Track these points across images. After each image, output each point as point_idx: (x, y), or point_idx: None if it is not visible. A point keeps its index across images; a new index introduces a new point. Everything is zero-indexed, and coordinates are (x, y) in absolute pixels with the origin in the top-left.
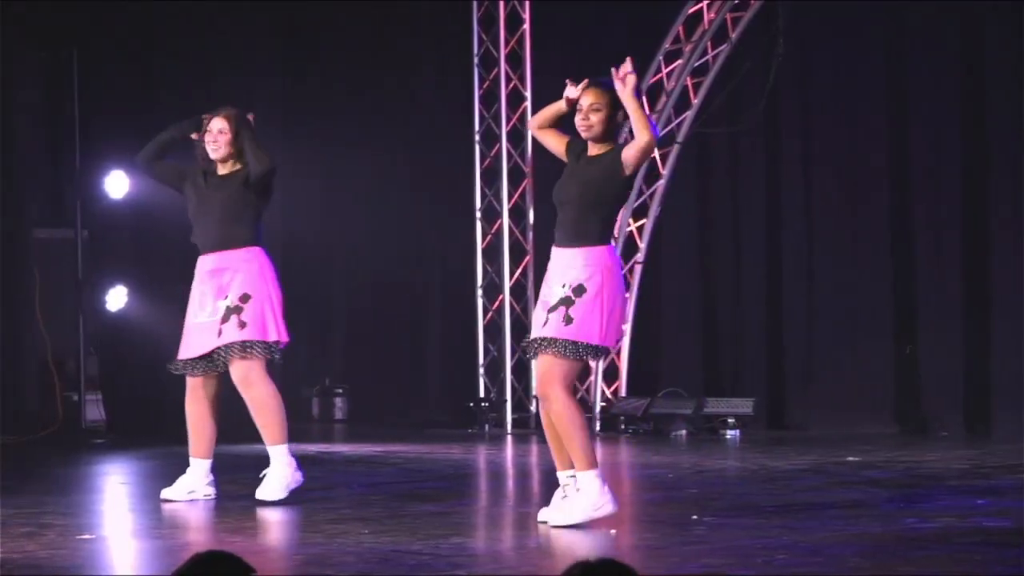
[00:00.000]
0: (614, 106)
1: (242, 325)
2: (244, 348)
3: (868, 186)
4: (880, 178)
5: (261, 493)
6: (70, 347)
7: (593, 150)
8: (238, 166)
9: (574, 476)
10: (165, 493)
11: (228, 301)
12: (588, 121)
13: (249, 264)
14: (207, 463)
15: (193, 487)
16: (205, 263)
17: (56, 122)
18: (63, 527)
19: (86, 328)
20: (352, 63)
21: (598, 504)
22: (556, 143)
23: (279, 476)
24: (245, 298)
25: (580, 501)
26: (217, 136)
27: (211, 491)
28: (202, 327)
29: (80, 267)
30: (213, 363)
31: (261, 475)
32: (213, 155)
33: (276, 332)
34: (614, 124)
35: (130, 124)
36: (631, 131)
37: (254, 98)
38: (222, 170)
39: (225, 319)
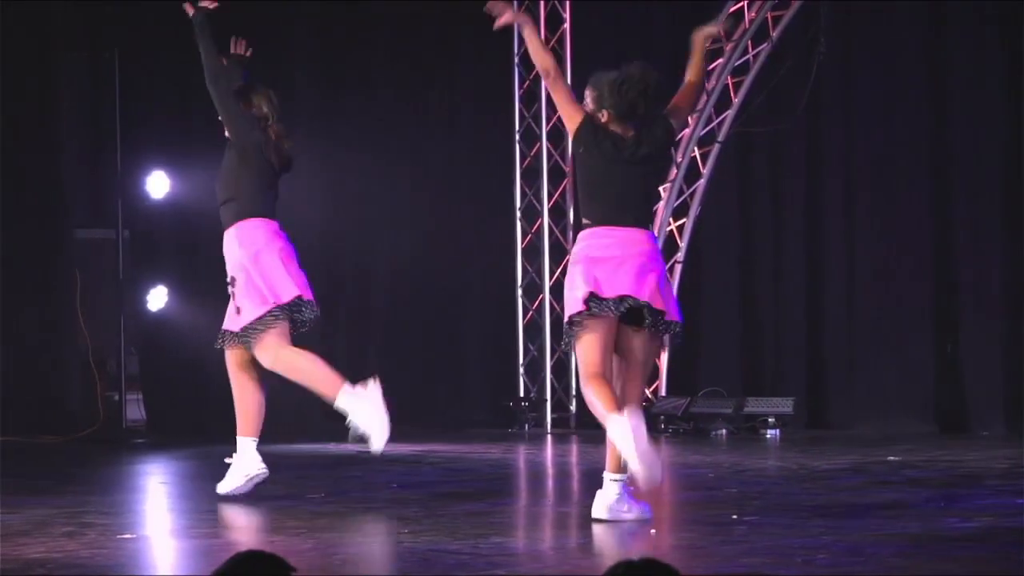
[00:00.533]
0: (597, 104)
1: (238, 311)
2: (243, 337)
3: (909, 183)
4: (921, 175)
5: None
6: (111, 347)
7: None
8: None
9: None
10: (221, 488)
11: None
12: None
13: (229, 248)
14: (248, 441)
15: (247, 471)
16: None
17: (97, 123)
18: (104, 526)
19: (127, 328)
20: (391, 63)
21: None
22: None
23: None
24: (233, 281)
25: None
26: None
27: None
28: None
29: (121, 267)
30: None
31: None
32: None
33: (268, 298)
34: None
35: (171, 125)
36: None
37: (293, 98)
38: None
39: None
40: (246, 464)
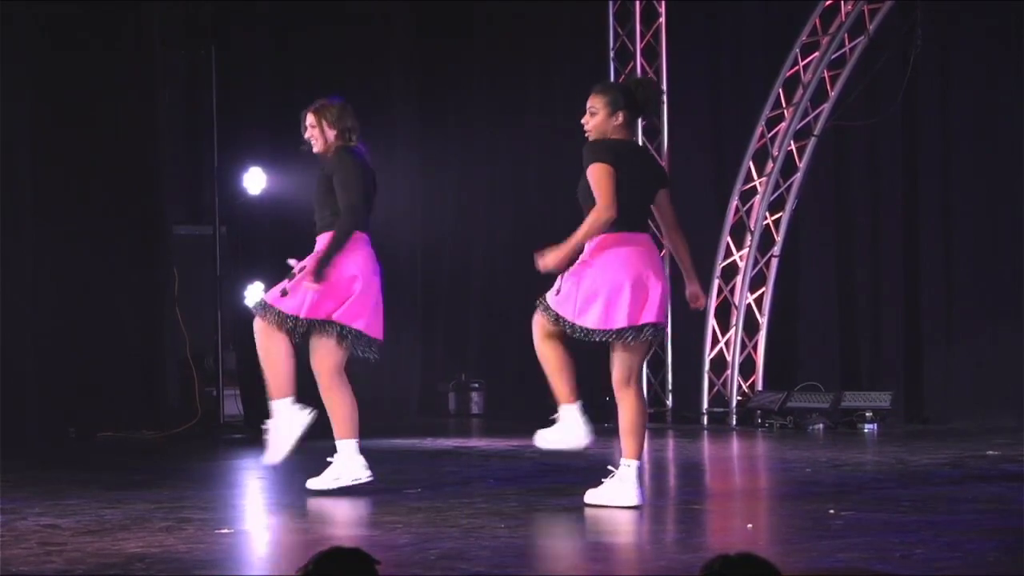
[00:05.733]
0: (612, 107)
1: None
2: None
3: (1007, 177)
4: (1019, 168)
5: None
6: (208, 343)
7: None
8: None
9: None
10: (311, 483)
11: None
12: (587, 124)
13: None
14: (347, 443)
15: (338, 473)
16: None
17: (194, 120)
18: (202, 521)
19: (224, 324)
20: (487, 59)
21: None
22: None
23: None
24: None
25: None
26: (311, 131)
27: (363, 474)
28: None
29: (218, 263)
30: None
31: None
32: (314, 148)
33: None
34: (610, 126)
35: (267, 121)
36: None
37: (388, 95)
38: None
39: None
40: (340, 467)
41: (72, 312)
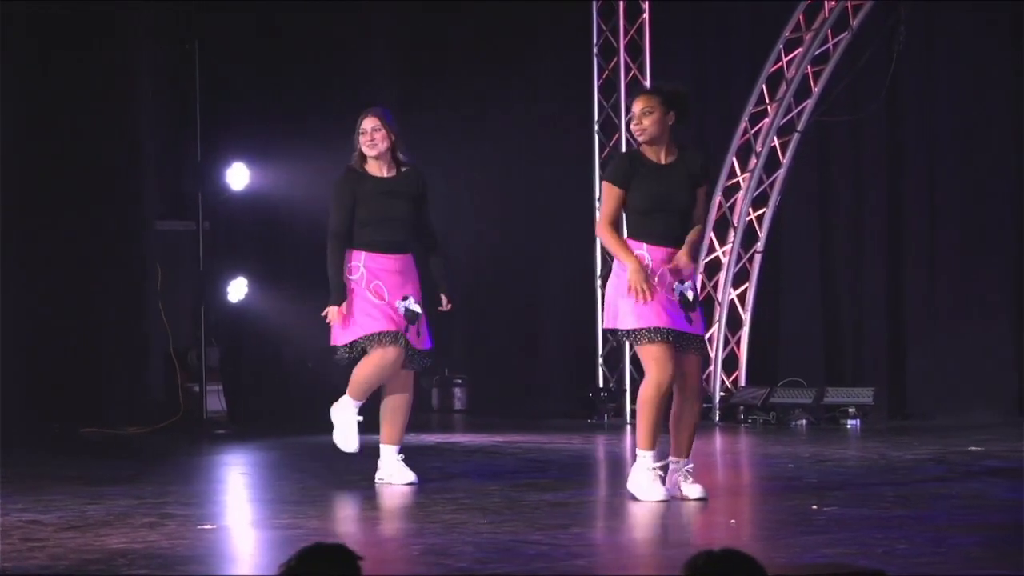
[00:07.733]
0: (666, 107)
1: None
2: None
3: (991, 172)
4: (1003, 164)
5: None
6: (191, 338)
7: (658, 156)
8: (396, 171)
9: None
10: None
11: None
12: (641, 125)
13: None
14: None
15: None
16: (390, 263)
17: (178, 115)
18: (185, 517)
19: (207, 319)
20: (471, 56)
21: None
22: (619, 201)
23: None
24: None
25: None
26: (373, 135)
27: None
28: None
29: (201, 259)
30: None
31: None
32: (369, 152)
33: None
34: (666, 125)
35: (251, 117)
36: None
37: (374, 92)
38: (389, 172)
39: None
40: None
41: (55, 307)
